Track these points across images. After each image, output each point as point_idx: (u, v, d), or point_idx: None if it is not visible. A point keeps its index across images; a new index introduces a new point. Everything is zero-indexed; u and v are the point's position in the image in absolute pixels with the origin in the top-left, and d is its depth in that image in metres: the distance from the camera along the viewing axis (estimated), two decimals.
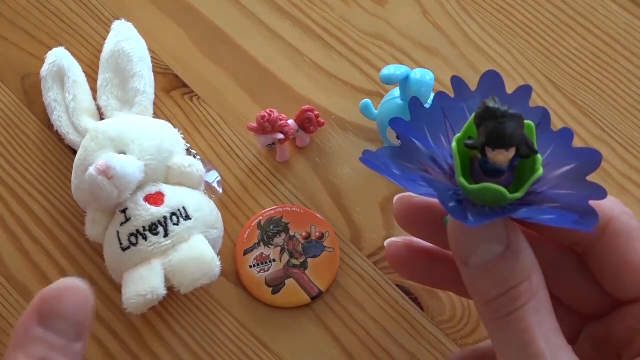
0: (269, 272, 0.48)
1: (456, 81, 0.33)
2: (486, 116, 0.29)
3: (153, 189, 0.46)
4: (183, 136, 0.50)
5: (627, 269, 0.33)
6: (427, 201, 0.37)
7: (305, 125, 0.51)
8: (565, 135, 0.32)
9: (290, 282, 0.48)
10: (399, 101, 0.48)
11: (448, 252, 0.39)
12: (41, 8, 0.55)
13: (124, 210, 0.45)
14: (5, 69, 0.53)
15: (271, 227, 0.49)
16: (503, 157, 0.29)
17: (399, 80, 0.47)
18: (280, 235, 0.49)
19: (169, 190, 0.46)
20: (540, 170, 0.30)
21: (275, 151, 0.52)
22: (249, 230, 0.49)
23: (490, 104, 0.29)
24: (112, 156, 0.45)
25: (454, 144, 0.30)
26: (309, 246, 0.49)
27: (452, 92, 0.34)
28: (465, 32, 0.55)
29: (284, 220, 0.50)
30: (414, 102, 0.33)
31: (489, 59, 0.55)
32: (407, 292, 0.49)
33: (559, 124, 0.52)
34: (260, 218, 0.50)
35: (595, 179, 0.31)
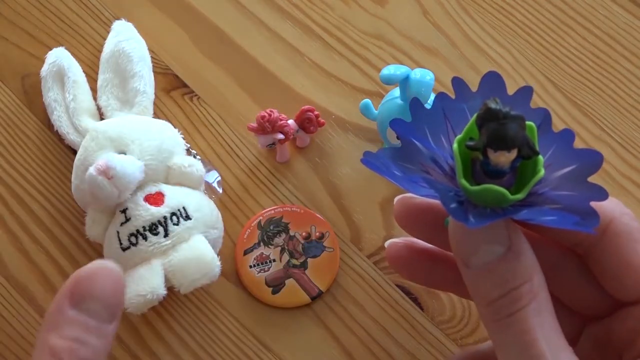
0: (269, 272, 0.48)
1: (457, 82, 0.33)
2: (488, 117, 0.29)
3: (153, 189, 0.46)
4: (183, 136, 0.50)
5: (628, 270, 0.33)
6: (428, 202, 0.37)
7: (305, 125, 0.51)
8: (566, 136, 0.32)
9: (290, 282, 0.48)
10: (399, 101, 0.48)
11: (449, 253, 0.39)
12: (41, 8, 0.55)
13: (124, 210, 0.45)
14: (5, 69, 0.53)
15: (271, 227, 0.49)
16: (505, 159, 0.29)
17: (399, 80, 0.47)
18: (280, 235, 0.49)
19: (169, 190, 0.46)
20: (541, 172, 0.30)
21: (275, 151, 0.51)
22: (249, 230, 0.49)
23: (492, 105, 0.29)
24: (112, 156, 0.45)
25: (455, 145, 0.30)
26: (309, 246, 0.49)
27: (453, 93, 0.34)
28: (465, 32, 0.55)
29: (284, 220, 0.50)
30: (415, 103, 0.33)
31: (489, 59, 0.54)
32: (407, 292, 0.49)
33: (559, 124, 0.52)
34: (260, 218, 0.50)
35: (596, 179, 0.31)
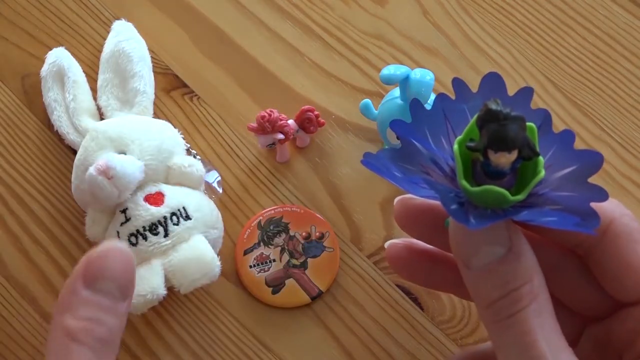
0: (269, 272, 0.48)
1: (457, 83, 0.33)
2: (488, 118, 0.29)
3: (153, 189, 0.46)
4: (183, 136, 0.50)
5: (628, 271, 0.33)
6: (428, 203, 0.37)
7: (305, 125, 0.51)
8: (567, 137, 0.32)
9: (290, 282, 0.48)
10: (399, 101, 0.48)
11: (449, 254, 0.39)
12: (41, 8, 0.55)
13: (124, 210, 0.45)
14: (5, 69, 0.53)
15: (271, 227, 0.49)
16: (505, 160, 0.29)
17: (399, 80, 0.47)
18: (280, 235, 0.49)
19: (169, 190, 0.46)
20: (542, 173, 0.30)
21: (275, 151, 0.51)
22: (249, 230, 0.49)
23: (492, 106, 0.29)
24: (112, 156, 0.45)
25: (455, 146, 0.30)
26: (309, 246, 0.49)
27: (453, 93, 0.34)
28: (465, 32, 0.55)
29: (284, 220, 0.50)
30: (415, 104, 0.33)
31: (489, 59, 0.54)
32: (407, 292, 0.49)
33: (559, 124, 0.52)
34: (260, 218, 0.50)
35: (596, 179, 0.31)
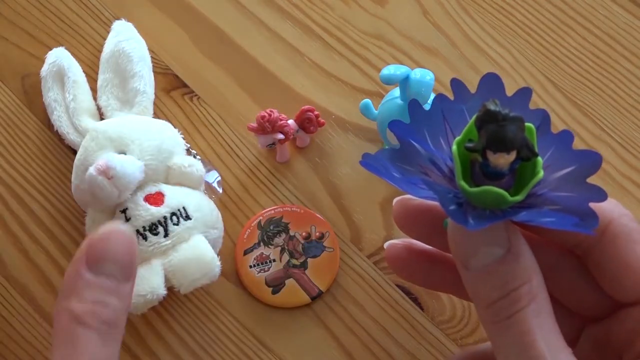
0: (269, 272, 0.48)
1: (455, 83, 0.33)
2: (487, 119, 0.29)
3: (153, 189, 0.46)
4: (183, 136, 0.50)
5: (627, 271, 0.33)
6: (426, 204, 0.37)
7: (305, 125, 0.51)
8: (565, 137, 0.32)
9: (290, 282, 0.48)
10: (399, 101, 0.48)
11: (448, 255, 0.39)
12: (41, 8, 0.55)
13: (124, 210, 0.45)
14: (5, 69, 0.53)
15: (271, 227, 0.49)
16: (504, 160, 0.29)
17: (399, 80, 0.47)
18: (280, 235, 0.49)
19: (169, 190, 0.46)
20: (540, 173, 0.30)
21: (275, 151, 0.52)
22: (249, 230, 0.49)
23: (491, 107, 0.29)
24: (112, 156, 0.45)
25: (454, 146, 0.30)
26: (309, 246, 0.49)
27: (452, 94, 0.34)
28: (465, 32, 0.55)
29: (284, 220, 0.50)
30: (413, 105, 0.33)
31: (489, 59, 0.54)
32: (407, 292, 0.49)
33: (559, 124, 0.52)
34: (260, 218, 0.50)
35: (595, 179, 0.31)
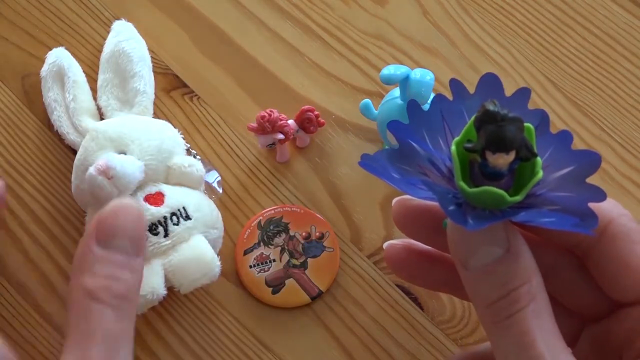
0: (269, 272, 0.48)
1: (454, 84, 0.33)
2: (486, 119, 0.29)
3: (153, 189, 0.46)
4: (183, 136, 0.50)
5: (627, 271, 0.33)
6: (426, 204, 0.37)
7: (305, 125, 0.51)
8: (564, 137, 0.32)
9: (290, 282, 0.48)
10: (399, 101, 0.48)
11: (447, 255, 0.39)
12: (41, 8, 0.55)
13: None
14: (5, 69, 0.53)
15: (271, 227, 0.49)
16: (503, 161, 0.29)
17: (399, 80, 0.47)
18: (280, 235, 0.49)
19: (169, 190, 0.46)
20: (540, 173, 0.30)
21: (275, 151, 0.52)
22: (249, 230, 0.49)
23: (490, 107, 0.29)
24: (112, 156, 0.45)
25: (453, 147, 0.30)
26: (309, 246, 0.49)
27: (451, 94, 0.34)
28: (465, 32, 0.55)
29: (284, 220, 0.50)
30: (412, 105, 0.33)
31: (489, 59, 0.54)
32: (407, 292, 0.49)
33: (559, 124, 0.52)
34: (260, 218, 0.50)
35: (595, 179, 0.31)
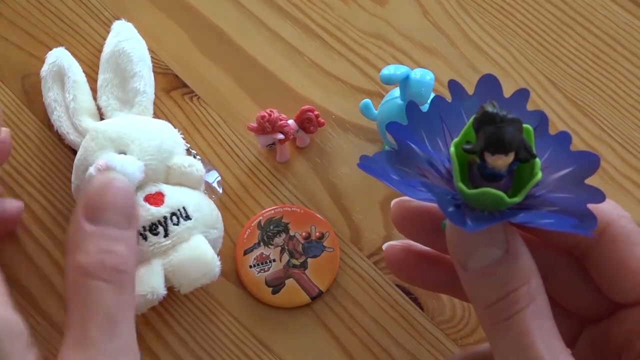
0: (269, 272, 0.48)
1: (453, 85, 0.33)
2: (485, 121, 0.29)
3: (153, 189, 0.46)
4: (183, 136, 0.50)
5: (626, 273, 0.33)
6: (425, 205, 0.37)
7: (305, 125, 0.51)
8: (563, 138, 0.32)
9: (290, 282, 0.48)
10: (399, 101, 0.48)
11: (446, 256, 0.39)
12: (41, 8, 0.55)
13: None
14: (5, 69, 0.53)
15: (271, 227, 0.49)
16: (502, 162, 0.29)
17: (399, 80, 0.47)
18: (280, 235, 0.49)
19: (169, 190, 0.46)
20: (539, 174, 0.30)
21: (275, 151, 0.52)
22: (249, 230, 0.49)
23: (489, 109, 0.29)
24: (112, 156, 0.45)
25: (452, 148, 0.30)
26: (309, 246, 0.49)
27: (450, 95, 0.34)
28: (465, 32, 0.55)
29: (284, 220, 0.50)
30: (411, 106, 0.33)
31: (489, 59, 0.54)
32: (407, 292, 0.49)
33: (559, 124, 0.52)
34: (260, 218, 0.50)
35: (595, 179, 0.31)
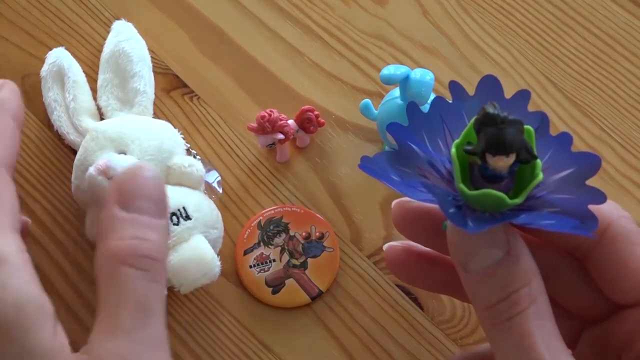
0: (269, 272, 0.48)
1: (453, 85, 0.33)
2: (486, 122, 0.29)
3: None
4: (183, 136, 0.50)
5: (626, 273, 0.33)
6: (425, 206, 0.37)
7: (305, 125, 0.51)
8: (564, 139, 0.32)
9: (290, 282, 0.48)
10: (399, 101, 0.48)
11: (447, 257, 0.39)
12: (41, 8, 0.55)
13: None
14: (5, 69, 0.53)
15: (271, 227, 0.49)
16: (503, 163, 0.29)
17: (399, 80, 0.47)
18: (280, 235, 0.49)
19: (169, 190, 0.46)
20: (540, 176, 0.30)
21: (275, 151, 0.52)
22: (249, 230, 0.49)
23: (490, 110, 0.29)
24: (112, 156, 0.45)
25: (453, 149, 0.30)
26: (309, 246, 0.49)
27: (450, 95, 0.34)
28: (465, 32, 0.55)
29: (284, 220, 0.50)
30: (412, 107, 0.33)
31: (489, 59, 0.54)
32: (407, 292, 0.49)
33: (559, 124, 0.52)
34: (260, 218, 0.50)
35: (595, 179, 0.31)
